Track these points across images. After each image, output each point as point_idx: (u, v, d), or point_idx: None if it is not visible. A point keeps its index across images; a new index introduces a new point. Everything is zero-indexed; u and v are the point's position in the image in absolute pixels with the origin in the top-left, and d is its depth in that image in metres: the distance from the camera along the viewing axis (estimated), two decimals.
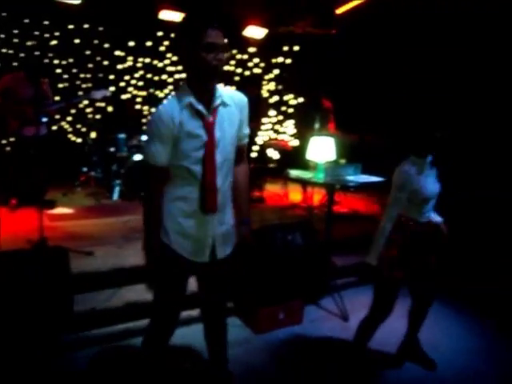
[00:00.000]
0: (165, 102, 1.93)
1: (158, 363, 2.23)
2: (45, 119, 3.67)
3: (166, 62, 7.03)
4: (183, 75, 7.17)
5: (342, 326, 3.47)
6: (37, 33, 6.11)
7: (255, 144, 7.00)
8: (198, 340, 2.94)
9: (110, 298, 3.17)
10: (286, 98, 8.14)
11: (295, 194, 6.12)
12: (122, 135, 5.74)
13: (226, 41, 1.85)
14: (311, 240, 3.56)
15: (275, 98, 8.09)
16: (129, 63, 6.81)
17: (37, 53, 5.94)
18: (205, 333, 2.39)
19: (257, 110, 6.06)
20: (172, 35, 6.98)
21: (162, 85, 7.07)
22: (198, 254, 2.04)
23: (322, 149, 3.59)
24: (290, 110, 8.11)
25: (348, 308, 3.60)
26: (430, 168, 2.59)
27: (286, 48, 7.89)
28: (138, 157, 5.48)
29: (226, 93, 1.99)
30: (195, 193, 1.95)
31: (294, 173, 3.82)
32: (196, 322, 3.19)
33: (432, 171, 2.60)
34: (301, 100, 7.81)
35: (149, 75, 6.95)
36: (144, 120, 6.77)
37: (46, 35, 6.19)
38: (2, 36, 5.93)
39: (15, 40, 6.00)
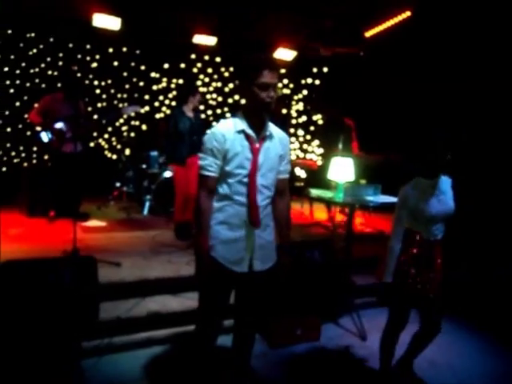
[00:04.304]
0: (221, 123, 2.24)
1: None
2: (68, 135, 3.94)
3: (198, 83, 7.32)
4: (214, 95, 7.47)
5: (360, 344, 3.48)
6: (79, 56, 6.54)
7: None
8: None
9: (134, 308, 3.31)
10: (314, 117, 8.27)
11: (320, 213, 6.18)
12: (154, 152, 6.00)
13: (277, 80, 2.16)
14: (330, 258, 3.61)
15: (303, 118, 8.23)
16: (163, 84, 7.15)
17: (78, 74, 6.33)
18: (233, 342, 2.53)
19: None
20: (206, 58, 7.30)
21: None
22: (238, 264, 2.24)
23: (343, 169, 3.67)
24: None
25: (366, 327, 3.61)
26: (441, 189, 2.60)
27: (315, 69, 8.06)
28: (168, 173, 5.70)
29: (274, 129, 2.30)
30: (239, 208, 2.20)
31: (315, 192, 3.92)
32: None
33: (443, 192, 2.60)
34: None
35: None
36: None
37: (88, 58, 6.61)
38: (49, 59, 6.39)
39: (60, 62, 6.44)
